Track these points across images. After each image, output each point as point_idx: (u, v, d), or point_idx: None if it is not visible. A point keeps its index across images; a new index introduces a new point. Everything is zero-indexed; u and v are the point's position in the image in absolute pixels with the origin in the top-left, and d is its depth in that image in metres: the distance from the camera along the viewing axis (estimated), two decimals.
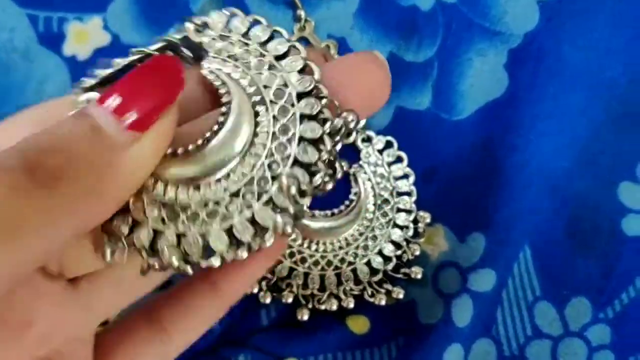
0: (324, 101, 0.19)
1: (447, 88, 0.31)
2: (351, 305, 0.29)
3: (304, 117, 0.19)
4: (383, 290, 0.30)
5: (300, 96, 0.19)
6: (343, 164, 0.19)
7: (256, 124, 0.19)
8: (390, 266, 0.30)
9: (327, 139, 0.19)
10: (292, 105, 0.19)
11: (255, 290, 0.29)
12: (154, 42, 0.20)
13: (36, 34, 0.31)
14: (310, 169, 0.18)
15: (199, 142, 0.18)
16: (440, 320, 0.30)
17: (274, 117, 0.19)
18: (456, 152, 0.31)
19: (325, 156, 0.19)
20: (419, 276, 0.30)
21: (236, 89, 0.19)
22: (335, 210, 0.30)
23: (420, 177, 0.31)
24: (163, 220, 0.19)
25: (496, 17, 0.32)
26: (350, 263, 0.30)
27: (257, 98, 0.19)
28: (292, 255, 0.30)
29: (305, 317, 0.29)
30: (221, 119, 0.19)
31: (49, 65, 0.31)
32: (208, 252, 0.18)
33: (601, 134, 0.31)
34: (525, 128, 0.31)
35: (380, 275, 0.30)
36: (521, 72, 0.32)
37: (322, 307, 0.29)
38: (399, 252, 0.30)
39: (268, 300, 0.29)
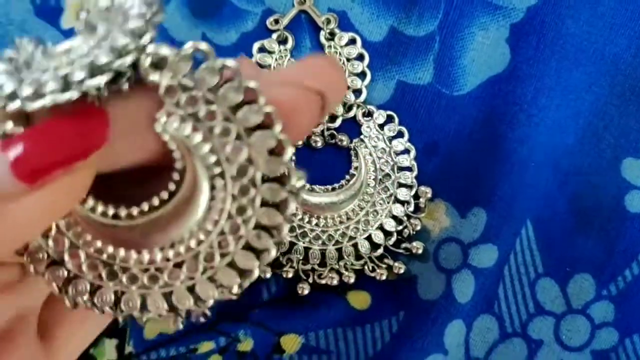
0: (289, 187, 0.17)
1: (448, 63, 0.31)
2: (352, 280, 0.29)
3: (265, 203, 0.17)
4: (384, 265, 0.29)
5: (266, 178, 0.17)
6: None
7: (212, 197, 0.17)
8: (391, 241, 0.30)
9: (285, 226, 0.17)
10: (255, 186, 0.17)
11: None
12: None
13: (33, 7, 0.30)
14: (260, 255, 0.18)
15: (145, 207, 0.17)
16: (441, 296, 0.30)
17: (233, 195, 0.17)
18: (457, 127, 0.31)
19: (281, 240, 0.18)
20: (420, 251, 0.30)
21: (193, 156, 0.17)
22: (336, 185, 0.30)
23: (421, 152, 0.31)
24: (100, 276, 0.18)
25: None
26: (351, 238, 0.30)
27: (217, 170, 0.17)
28: (292, 229, 0.29)
29: (306, 292, 0.29)
30: (172, 187, 0.17)
31: (45, 38, 0.30)
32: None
33: (605, 109, 0.31)
34: (527, 103, 0.31)
35: (381, 250, 0.30)
36: (523, 46, 0.31)
37: (323, 281, 0.29)
38: (400, 227, 0.30)
39: (268, 275, 0.29)
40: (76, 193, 0.17)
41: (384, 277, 0.29)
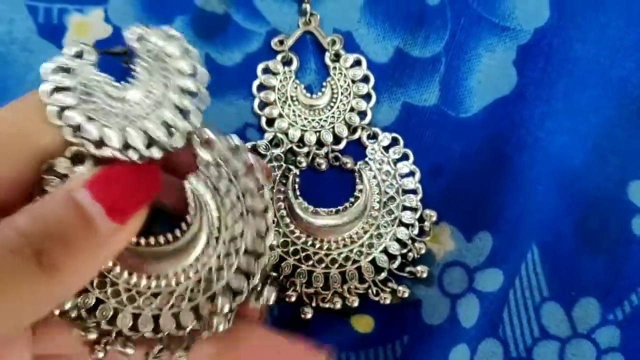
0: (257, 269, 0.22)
1: (454, 84, 0.31)
2: (355, 304, 0.29)
3: (238, 270, 0.22)
4: (388, 289, 0.29)
5: (246, 251, 0.22)
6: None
7: (202, 252, 0.22)
8: (395, 265, 0.29)
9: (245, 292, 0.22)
10: (237, 254, 0.22)
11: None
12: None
13: (36, 25, 0.30)
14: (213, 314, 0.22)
15: (152, 240, 0.22)
16: (446, 320, 0.29)
17: (218, 256, 0.22)
18: (463, 150, 0.31)
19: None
20: (425, 275, 0.29)
21: (203, 215, 0.22)
22: (340, 208, 0.30)
23: (426, 174, 0.30)
24: (106, 293, 0.22)
25: (506, 12, 0.31)
26: (354, 261, 0.29)
27: (216, 233, 0.22)
28: (295, 253, 0.29)
29: (309, 316, 0.29)
30: (178, 233, 0.22)
31: (48, 58, 0.30)
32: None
33: (612, 132, 0.31)
34: (534, 126, 0.31)
35: (385, 274, 0.29)
36: (530, 68, 0.31)
37: (326, 305, 0.29)
38: (404, 251, 0.30)
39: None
40: (138, 227, 0.20)
41: (387, 301, 0.29)
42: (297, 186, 0.30)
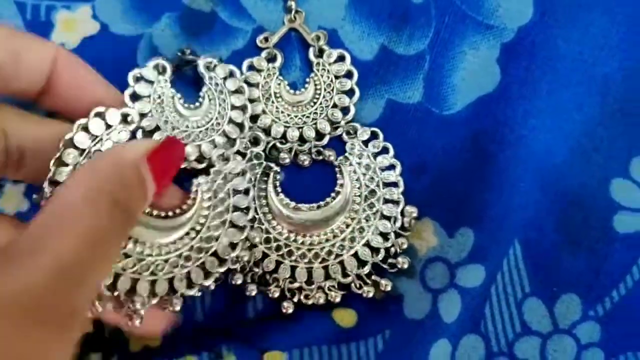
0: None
1: (438, 81, 0.31)
2: (338, 299, 0.29)
3: (201, 266, 0.27)
4: (370, 282, 0.29)
5: (215, 254, 0.27)
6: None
7: (181, 237, 0.27)
8: (378, 258, 0.30)
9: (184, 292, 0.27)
10: (207, 253, 0.27)
11: (240, 282, 0.29)
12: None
13: (24, 22, 0.30)
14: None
15: (156, 213, 0.27)
16: (427, 315, 0.30)
17: (191, 246, 0.27)
18: (446, 147, 0.31)
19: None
20: (406, 266, 0.30)
21: (194, 211, 0.27)
22: (322, 203, 0.30)
23: (410, 171, 0.31)
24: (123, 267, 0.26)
25: (489, 10, 0.31)
26: (337, 255, 0.29)
27: (198, 227, 0.27)
28: (278, 248, 0.29)
29: (290, 310, 0.29)
30: (170, 214, 0.27)
31: None
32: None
33: (595, 130, 0.31)
34: (517, 123, 0.31)
35: (368, 268, 0.29)
36: (514, 66, 0.31)
37: (310, 302, 0.29)
38: (387, 245, 0.30)
39: (254, 293, 0.29)
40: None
41: (370, 295, 0.29)
42: (278, 183, 0.30)
